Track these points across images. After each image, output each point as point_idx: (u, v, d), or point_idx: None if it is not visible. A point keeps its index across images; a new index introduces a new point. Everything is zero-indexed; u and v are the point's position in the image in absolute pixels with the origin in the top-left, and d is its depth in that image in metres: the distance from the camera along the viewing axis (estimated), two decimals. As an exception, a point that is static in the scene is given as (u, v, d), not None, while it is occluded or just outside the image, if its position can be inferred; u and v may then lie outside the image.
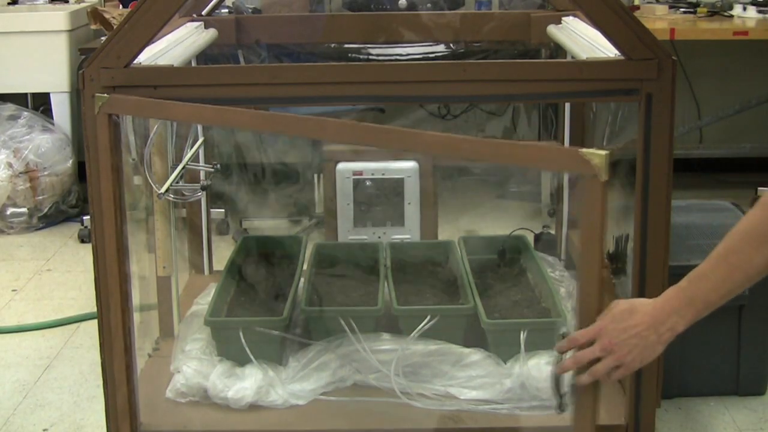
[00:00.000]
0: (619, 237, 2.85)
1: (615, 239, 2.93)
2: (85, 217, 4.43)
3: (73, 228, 4.49)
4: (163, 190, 2.53)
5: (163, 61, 2.28)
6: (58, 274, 3.98)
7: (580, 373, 1.66)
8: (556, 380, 1.73)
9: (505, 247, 2.98)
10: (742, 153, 5.10)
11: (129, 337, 2.21)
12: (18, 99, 4.81)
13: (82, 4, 4.77)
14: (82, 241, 4.31)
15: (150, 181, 2.58)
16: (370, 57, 3.99)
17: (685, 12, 4.73)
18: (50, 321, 3.48)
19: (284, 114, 1.91)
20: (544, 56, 3.85)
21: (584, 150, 1.56)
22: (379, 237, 3.19)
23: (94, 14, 4.36)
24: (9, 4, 4.97)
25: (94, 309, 2.18)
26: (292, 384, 2.44)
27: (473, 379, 2.44)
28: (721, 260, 1.55)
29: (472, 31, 3.31)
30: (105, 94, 2.04)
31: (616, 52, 2.11)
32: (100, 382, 2.21)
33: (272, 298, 2.71)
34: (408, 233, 3.20)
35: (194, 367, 2.45)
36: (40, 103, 4.92)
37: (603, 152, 1.55)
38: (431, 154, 1.95)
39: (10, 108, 4.70)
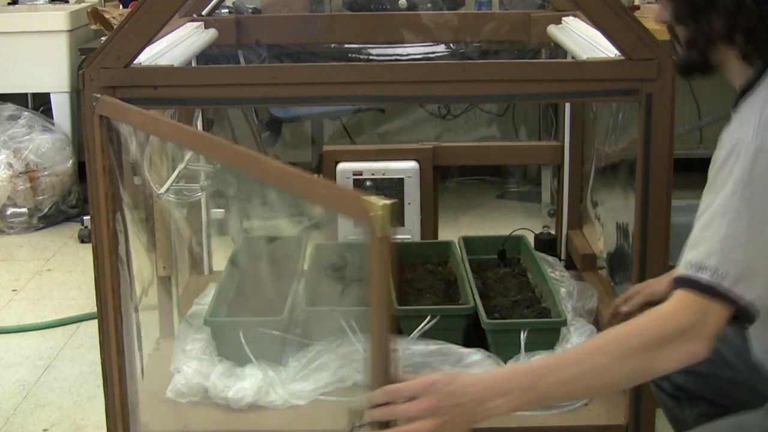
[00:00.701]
0: (619, 237, 2.85)
1: (616, 239, 2.93)
2: (85, 218, 4.42)
3: (74, 228, 4.49)
4: (162, 190, 2.53)
5: (163, 62, 2.28)
6: (59, 274, 3.98)
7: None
8: None
9: (505, 247, 2.98)
10: (743, 153, 5.09)
11: (129, 337, 2.21)
12: (18, 99, 4.81)
13: (82, 4, 4.77)
14: (82, 241, 4.31)
15: (150, 181, 2.57)
16: (370, 57, 3.99)
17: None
18: (50, 321, 3.47)
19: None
20: (544, 56, 3.85)
21: (365, 198, 1.33)
22: (379, 237, 3.18)
23: (95, 14, 4.36)
24: (9, 4, 4.97)
25: (95, 309, 2.18)
26: (293, 384, 2.44)
27: (473, 379, 2.43)
28: (585, 357, 1.44)
29: (472, 32, 3.31)
30: (97, 95, 2.03)
31: (616, 52, 2.11)
32: (100, 382, 2.21)
33: (272, 298, 2.71)
34: (408, 233, 3.20)
35: (194, 367, 2.45)
36: (40, 103, 4.92)
37: (383, 203, 1.30)
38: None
39: (10, 108, 4.70)
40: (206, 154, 1.74)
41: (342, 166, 3.19)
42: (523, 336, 2.43)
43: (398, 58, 3.96)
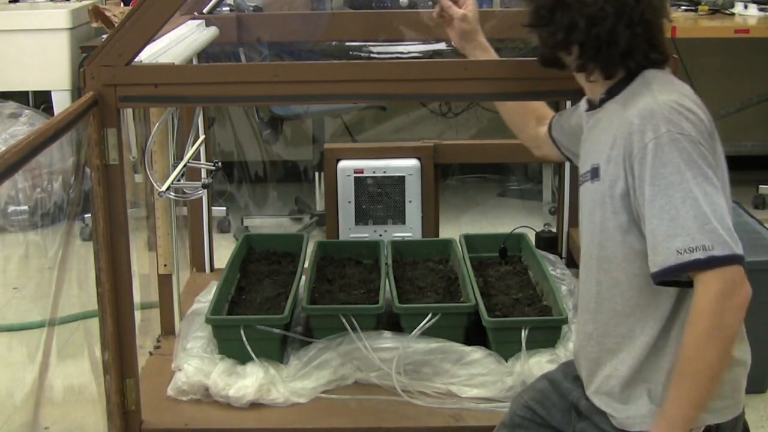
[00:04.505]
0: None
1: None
2: (86, 216, 4.42)
3: (75, 226, 4.49)
4: (164, 188, 2.52)
5: (164, 60, 2.28)
6: (60, 272, 3.97)
7: None
8: None
9: (507, 245, 2.98)
10: (744, 151, 5.10)
11: (130, 335, 2.21)
12: (19, 97, 4.81)
13: (84, 2, 4.77)
14: (84, 240, 4.31)
15: (151, 179, 2.58)
16: (372, 55, 3.99)
17: (686, 10, 4.73)
18: (53, 319, 3.47)
19: None
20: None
21: None
22: (381, 235, 3.19)
23: (96, 12, 4.35)
24: (10, 2, 4.97)
25: (96, 307, 2.18)
26: (294, 382, 2.44)
27: (474, 377, 2.44)
28: (683, 375, 1.67)
29: (473, 29, 3.30)
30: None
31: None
32: (101, 380, 2.21)
33: (273, 296, 2.71)
34: (409, 231, 3.20)
35: (195, 365, 2.45)
36: (41, 101, 4.92)
37: None
38: None
39: (11, 106, 4.70)
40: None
41: (343, 163, 3.19)
42: (524, 334, 2.44)
43: (399, 55, 3.96)
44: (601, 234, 1.77)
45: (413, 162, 3.18)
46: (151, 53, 2.27)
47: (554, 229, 3.42)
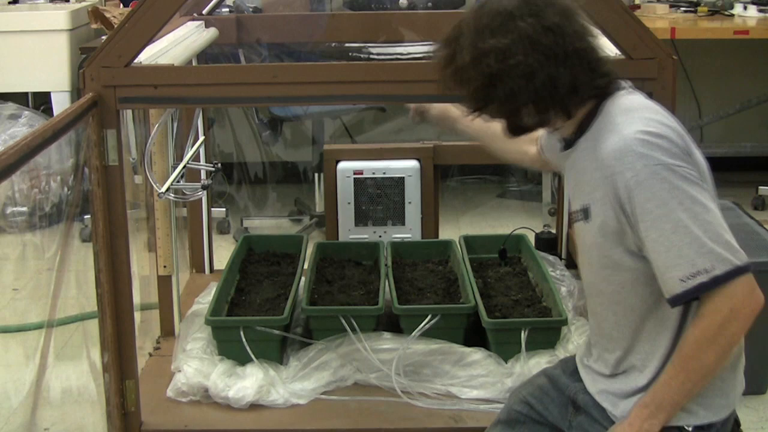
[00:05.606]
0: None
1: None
2: (86, 217, 4.42)
3: (75, 227, 4.48)
4: (163, 189, 2.53)
5: (163, 61, 2.28)
6: (60, 273, 3.97)
7: None
8: None
9: (506, 246, 2.98)
10: (743, 152, 5.10)
11: (129, 337, 2.21)
12: (19, 98, 4.81)
13: (83, 3, 4.77)
14: (84, 241, 4.31)
15: (150, 180, 2.58)
16: (371, 56, 3.99)
17: (685, 11, 4.73)
18: (51, 320, 3.47)
19: None
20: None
21: None
22: (380, 236, 3.19)
23: (95, 13, 4.36)
24: (10, 3, 4.97)
25: (95, 308, 2.18)
26: (293, 383, 2.44)
27: (474, 378, 2.44)
28: (679, 367, 1.71)
29: (472, 30, 3.30)
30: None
31: (617, 51, 2.11)
32: (101, 381, 2.21)
33: (273, 297, 2.71)
34: (409, 232, 3.20)
35: (195, 366, 2.45)
36: (40, 103, 4.92)
37: None
38: None
39: (10, 107, 4.70)
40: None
41: (342, 165, 3.19)
42: (523, 335, 2.44)
43: (399, 57, 3.96)
44: (605, 270, 1.79)
45: (413, 163, 3.18)
46: (151, 54, 2.27)
47: (554, 231, 3.41)
